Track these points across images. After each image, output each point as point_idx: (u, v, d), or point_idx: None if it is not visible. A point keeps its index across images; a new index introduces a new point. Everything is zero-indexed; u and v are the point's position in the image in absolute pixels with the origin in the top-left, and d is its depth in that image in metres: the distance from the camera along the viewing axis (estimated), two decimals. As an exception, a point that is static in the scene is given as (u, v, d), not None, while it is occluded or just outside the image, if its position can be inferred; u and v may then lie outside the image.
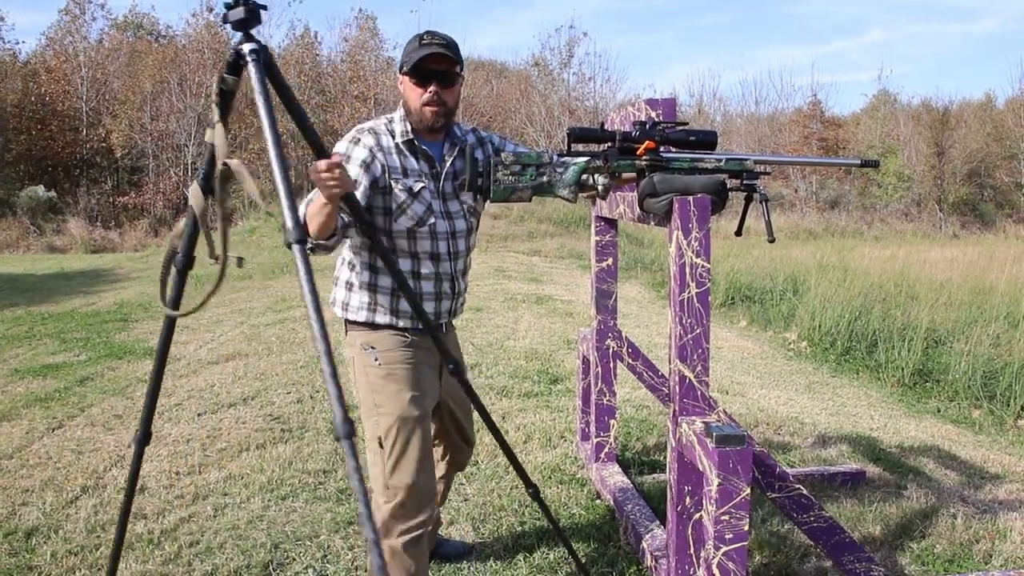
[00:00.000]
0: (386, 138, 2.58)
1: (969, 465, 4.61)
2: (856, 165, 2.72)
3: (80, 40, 30.15)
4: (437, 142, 2.64)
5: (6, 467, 4.33)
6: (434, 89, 2.51)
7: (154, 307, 10.01)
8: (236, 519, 3.59)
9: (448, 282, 2.66)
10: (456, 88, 2.57)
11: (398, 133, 2.59)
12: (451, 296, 2.69)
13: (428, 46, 2.49)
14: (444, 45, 2.50)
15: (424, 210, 2.57)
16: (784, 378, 6.88)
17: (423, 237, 2.59)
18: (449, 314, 2.72)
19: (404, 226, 2.57)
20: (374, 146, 2.55)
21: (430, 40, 2.50)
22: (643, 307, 10.02)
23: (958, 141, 33.62)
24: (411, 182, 2.56)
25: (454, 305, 2.72)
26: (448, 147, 2.64)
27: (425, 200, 2.58)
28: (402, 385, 2.58)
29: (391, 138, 2.59)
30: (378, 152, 2.55)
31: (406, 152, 2.59)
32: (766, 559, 3.24)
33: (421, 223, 2.57)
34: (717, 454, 2.17)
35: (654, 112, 2.79)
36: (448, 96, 2.55)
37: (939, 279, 10.58)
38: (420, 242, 2.60)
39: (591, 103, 29.87)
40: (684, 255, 2.36)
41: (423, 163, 2.60)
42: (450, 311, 2.72)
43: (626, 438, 4.51)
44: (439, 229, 2.60)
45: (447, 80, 2.53)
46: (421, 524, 2.54)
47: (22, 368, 6.77)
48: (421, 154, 2.59)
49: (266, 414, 5.01)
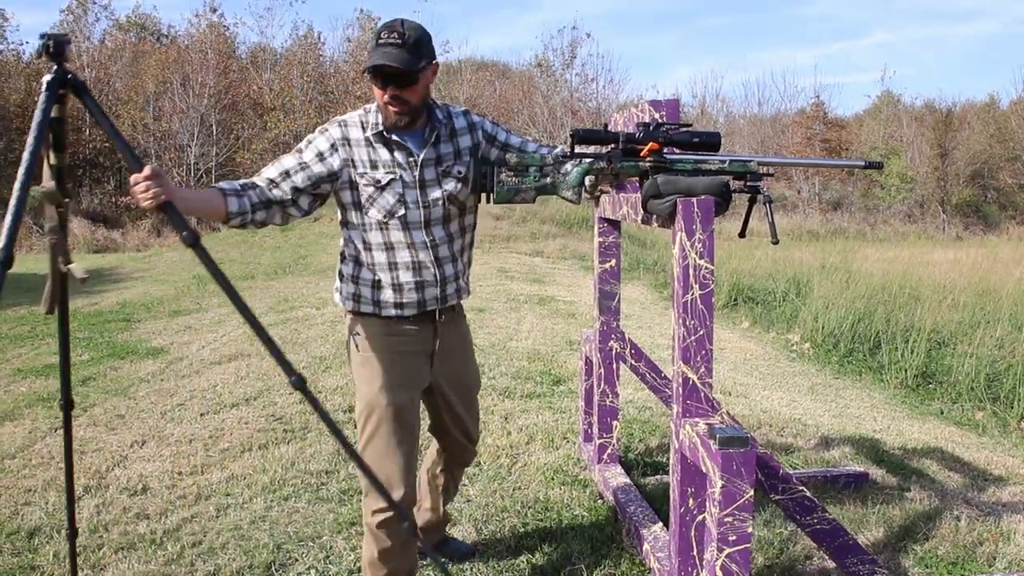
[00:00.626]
0: (356, 130, 2.56)
1: (973, 467, 4.60)
2: (860, 167, 2.72)
3: (83, 40, 30.18)
4: (416, 130, 2.58)
5: (9, 467, 4.33)
6: (392, 92, 2.44)
7: (156, 307, 10.02)
8: (239, 519, 3.59)
9: (429, 270, 2.63)
10: (419, 85, 2.47)
11: (370, 125, 2.55)
12: (435, 283, 2.65)
13: (382, 47, 2.40)
14: (399, 43, 2.39)
15: (394, 202, 2.55)
16: (787, 380, 6.88)
17: (395, 228, 2.58)
18: (438, 301, 2.68)
19: (374, 219, 2.57)
20: (339, 139, 2.54)
21: (386, 39, 2.40)
22: (645, 308, 10.02)
23: (961, 143, 33.57)
24: (380, 174, 2.54)
25: (442, 292, 2.68)
26: (428, 131, 2.58)
27: (396, 191, 2.54)
28: (375, 372, 2.63)
29: (362, 131, 2.56)
30: (342, 146, 2.54)
31: (378, 144, 2.55)
32: (769, 561, 3.23)
33: (391, 215, 2.56)
34: (720, 456, 2.17)
35: (658, 113, 2.79)
36: (410, 95, 2.46)
37: (942, 281, 10.56)
38: (392, 232, 2.58)
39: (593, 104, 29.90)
40: (688, 256, 2.36)
41: (398, 153, 2.55)
42: (438, 298, 2.68)
43: (629, 439, 4.51)
44: (411, 219, 2.57)
45: (406, 80, 2.43)
46: (390, 508, 2.56)
47: (25, 368, 6.78)
48: (395, 144, 2.55)
49: (268, 414, 5.02)
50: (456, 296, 2.76)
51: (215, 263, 2.07)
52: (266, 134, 26.84)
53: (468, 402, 2.91)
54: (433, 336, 2.72)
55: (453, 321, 2.80)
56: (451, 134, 2.64)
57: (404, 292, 2.63)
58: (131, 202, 25.86)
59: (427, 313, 2.69)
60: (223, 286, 2.07)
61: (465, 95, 28.89)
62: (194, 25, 31.00)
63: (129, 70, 29.66)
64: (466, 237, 2.77)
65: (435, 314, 2.71)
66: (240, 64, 30.26)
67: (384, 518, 2.62)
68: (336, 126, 2.57)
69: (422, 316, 2.68)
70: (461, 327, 2.87)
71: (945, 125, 34.10)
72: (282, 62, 30.14)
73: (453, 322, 2.80)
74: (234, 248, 15.62)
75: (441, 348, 2.75)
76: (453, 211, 2.65)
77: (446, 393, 2.83)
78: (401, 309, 2.64)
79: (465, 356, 2.90)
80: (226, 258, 14.54)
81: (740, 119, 36.72)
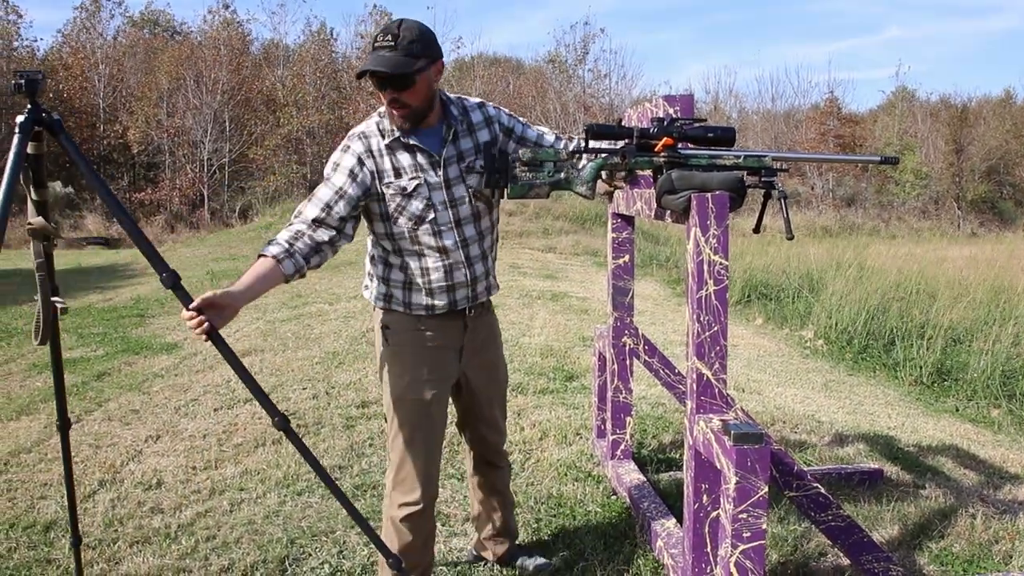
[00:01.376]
0: (376, 140, 2.52)
1: (988, 465, 4.57)
2: (876, 162, 2.70)
3: (96, 37, 30.31)
4: (432, 128, 2.54)
5: (24, 461, 4.36)
6: (390, 95, 2.40)
7: (170, 303, 10.05)
8: (252, 514, 3.60)
9: (460, 271, 2.63)
10: (419, 86, 2.40)
11: (387, 132, 2.51)
12: (467, 283, 2.66)
13: (376, 51, 2.37)
14: (392, 46, 2.34)
15: (423, 207, 2.52)
16: (800, 376, 6.85)
17: (425, 233, 2.56)
18: (468, 300, 2.69)
19: (404, 227, 2.54)
20: (363, 152, 2.50)
21: (380, 42, 2.36)
22: (658, 304, 10.00)
23: (977, 138, 33.35)
24: (404, 181, 2.51)
25: (472, 292, 2.69)
26: (446, 129, 2.54)
27: (423, 195, 2.52)
28: (404, 367, 2.64)
29: (381, 138, 2.51)
30: (367, 158, 2.50)
31: (398, 150, 2.51)
32: (783, 558, 3.22)
33: (420, 220, 2.53)
34: (735, 452, 2.16)
35: (672, 109, 2.78)
36: (410, 97, 2.41)
37: (957, 277, 10.49)
38: (423, 238, 2.56)
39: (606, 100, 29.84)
40: (702, 252, 2.35)
41: (420, 156, 2.51)
42: (469, 297, 2.69)
43: (642, 435, 4.50)
44: (441, 221, 2.55)
45: (402, 83, 2.37)
46: (416, 502, 2.64)
47: (40, 363, 6.81)
48: (415, 148, 2.51)
49: (282, 410, 5.01)
50: (486, 293, 2.77)
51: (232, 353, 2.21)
52: (279, 130, 26.93)
53: (493, 397, 2.90)
54: (463, 331, 2.73)
55: (482, 316, 2.80)
56: (469, 129, 2.60)
57: (436, 295, 2.63)
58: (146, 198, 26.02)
59: (458, 310, 2.70)
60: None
61: (478, 91, 28.86)
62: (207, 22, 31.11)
63: (143, 66, 29.78)
64: (493, 233, 2.76)
65: (465, 310, 2.71)
66: (253, 60, 30.35)
67: (410, 512, 2.64)
68: (357, 140, 2.52)
69: (452, 313, 2.69)
70: (490, 321, 2.87)
71: (960, 120, 33.87)
72: (295, 58, 30.20)
73: (482, 317, 2.80)
74: (247, 244, 15.67)
75: (470, 343, 2.75)
76: (481, 208, 2.64)
77: (473, 388, 2.82)
78: (432, 309, 2.65)
79: (494, 351, 2.90)
80: (238, 254, 14.60)
81: (753, 115, 36.56)
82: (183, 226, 25.20)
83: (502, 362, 2.97)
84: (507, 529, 3.11)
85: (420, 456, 2.65)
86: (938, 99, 36.75)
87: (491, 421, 2.91)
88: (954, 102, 35.97)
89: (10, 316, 9.44)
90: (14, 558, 3.26)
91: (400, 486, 2.67)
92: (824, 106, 34.39)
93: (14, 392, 5.90)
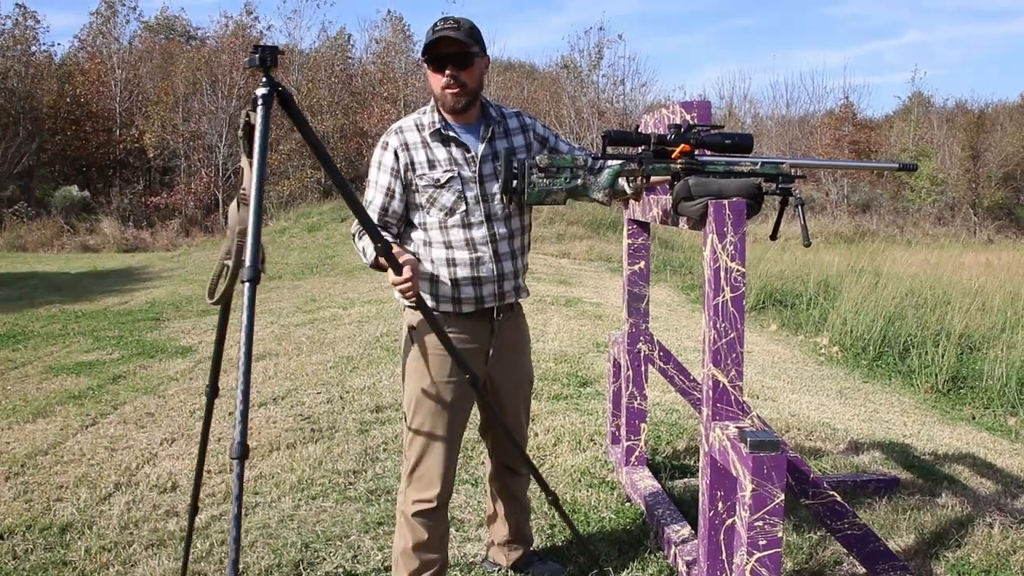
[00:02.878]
0: (412, 134, 2.65)
1: (1005, 474, 4.54)
2: (894, 168, 2.69)
3: (112, 42, 30.51)
4: (472, 125, 2.68)
5: (41, 463, 4.38)
6: (450, 72, 2.55)
7: (185, 307, 10.11)
8: (267, 518, 3.61)
9: (488, 265, 2.67)
10: (475, 69, 2.58)
11: (427, 125, 2.65)
12: (493, 279, 2.69)
13: (439, 31, 2.53)
14: (456, 28, 2.52)
15: (454, 199, 2.63)
16: (815, 383, 6.82)
17: (455, 225, 2.64)
18: (495, 298, 2.72)
19: (435, 217, 2.65)
20: (399, 147, 2.64)
21: (443, 25, 2.54)
22: (673, 310, 9.98)
23: (993, 144, 33.16)
24: (438, 173, 2.62)
25: (499, 289, 2.71)
26: (484, 128, 2.67)
27: (455, 188, 2.62)
28: (426, 366, 2.68)
29: (418, 132, 2.65)
30: (403, 152, 2.63)
31: (435, 143, 2.63)
32: (798, 566, 3.20)
33: (451, 212, 2.63)
34: (751, 460, 2.16)
35: (689, 115, 2.78)
36: (467, 77, 2.57)
37: (973, 284, 10.43)
38: (452, 230, 2.65)
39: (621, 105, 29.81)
40: (719, 259, 2.34)
41: (456, 150, 2.64)
42: (495, 294, 2.71)
43: (656, 442, 4.49)
44: (472, 215, 2.65)
45: (462, 62, 2.55)
46: (430, 500, 2.67)
47: (56, 365, 6.86)
48: (453, 141, 2.63)
49: (296, 414, 5.04)
50: (515, 295, 2.79)
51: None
52: (293, 135, 27.00)
53: (517, 402, 2.91)
54: (489, 334, 2.75)
55: (511, 320, 2.82)
56: (505, 132, 2.73)
57: (462, 288, 2.67)
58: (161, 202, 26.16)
59: (485, 311, 2.72)
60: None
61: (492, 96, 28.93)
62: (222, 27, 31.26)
63: (159, 71, 29.96)
64: (525, 237, 2.81)
65: (493, 311, 2.73)
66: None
67: (424, 508, 2.67)
68: (394, 135, 2.66)
69: (480, 313, 2.71)
70: (520, 326, 2.89)
71: (977, 126, 33.69)
72: (310, 63, 30.33)
73: (511, 321, 2.82)
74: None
75: (497, 346, 2.77)
76: (512, 207, 2.71)
77: (499, 392, 2.83)
78: (459, 305, 2.68)
79: (521, 356, 2.91)
80: (254, 258, 14.61)
81: (768, 120, 36.47)
82: (198, 230, 25.32)
83: (529, 367, 2.98)
84: (522, 536, 3.11)
85: (438, 455, 2.68)
86: (954, 104, 36.64)
87: (515, 426, 2.91)
88: (971, 107, 35.83)
89: (27, 319, 9.51)
90: (31, 559, 3.28)
91: (416, 483, 2.69)
92: (839, 112, 34.26)
93: (31, 394, 5.94)
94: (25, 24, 28.89)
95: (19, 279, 14.07)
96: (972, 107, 35.95)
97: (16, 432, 4.98)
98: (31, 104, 27.61)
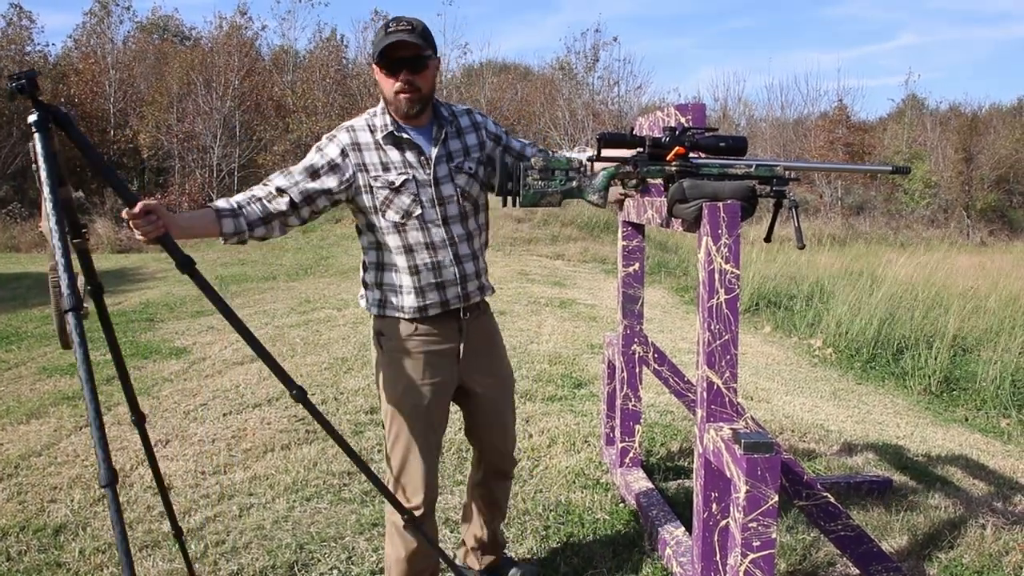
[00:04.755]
0: (364, 134, 2.59)
1: (998, 475, 4.56)
2: (887, 171, 2.69)
3: (107, 42, 30.44)
4: (424, 128, 2.62)
5: (35, 464, 4.38)
6: (405, 76, 2.49)
7: (179, 308, 10.09)
8: (261, 519, 3.61)
9: (449, 268, 2.64)
10: (429, 72, 2.53)
11: (379, 127, 2.58)
12: (456, 282, 2.65)
13: (393, 34, 2.46)
14: (409, 30, 2.46)
15: (410, 202, 2.57)
16: (809, 385, 6.84)
17: (413, 228, 2.59)
18: (460, 299, 2.68)
19: (391, 220, 2.58)
20: (348, 144, 2.57)
21: (395, 27, 2.47)
22: (667, 312, 9.99)
23: (987, 147, 33.23)
24: (392, 176, 2.56)
25: (463, 290, 2.68)
26: (436, 130, 2.62)
27: (411, 191, 2.56)
28: (400, 374, 2.66)
29: (371, 134, 2.59)
30: (352, 151, 2.56)
31: (388, 145, 2.57)
32: (792, 567, 3.21)
33: (407, 215, 2.58)
34: (745, 461, 2.16)
35: (684, 117, 2.79)
36: (421, 81, 2.52)
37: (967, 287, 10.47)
38: (411, 234, 2.59)
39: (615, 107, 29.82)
40: (713, 261, 2.35)
41: (410, 152, 2.58)
42: (460, 296, 2.68)
43: (650, 443, 4.50)
44: (428, 218, 2.59)
45: (416, 65, 2.49)
46: (416, 508, 2.65)
47: (50, 366, 6.85)
48: (406, 144, 2.58)
49: (291, 415, 5.04)
50: (479, 293, 2.76)
51: (211, 286, 2.19)
52: (288, 136, 27.01)
53: (500, 401, 2.87)
54: (458, 334, 2.72)
55: (478, 319, 2.79)
56: (457, 132, 2.68)
57: (426, 292, 2.63)
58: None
59: (451, 312, 2.69)
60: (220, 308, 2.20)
61: (487, 98, 28.90)
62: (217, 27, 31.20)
63: (153, 71, 29.89)
64: (482, 236, 2.78)
65: (459, 312, 2.71)
66: (263, 66, 30.44)
67: (411, 518, 2.63)
68: (345, 132, 2.60)
69: (446, 315, 2.68)
70: (487, 325, 2.85)
71: (970, 129, 33.75)
72: (304, 64, 30.30)
73: (478, 320, 2.78)
74: (255, 249, 15.70)
75: (468, 347, 2.74)
76: (468, 208, 2.67)
77: (480, 393, 2.81)
78: (425, 311, 2.64)
79: (493, 354, 2.86)
80: (248, 259, 14.63)
81: (762, 122, 36.49)
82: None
83: (505, 365, 2.92)
84: (497, 542, 3.11)
85: (419, 462, 2.66)
86: (948, 107, 36.69)
87: (502, 427, 2.90)
88: (964, 110, 35.88)
89: (20, 320, 9.49)
90: (24, 561, 3.27)
91: (400, 492, 2.68)
92: (833, 114, 34.33)
93: (24, 395, 5.93)
94: (20, 24, 28.83)
95: (12, 280, 14.03)
96: (965, 110, 36.03)
97: (10, 433, 4.97)
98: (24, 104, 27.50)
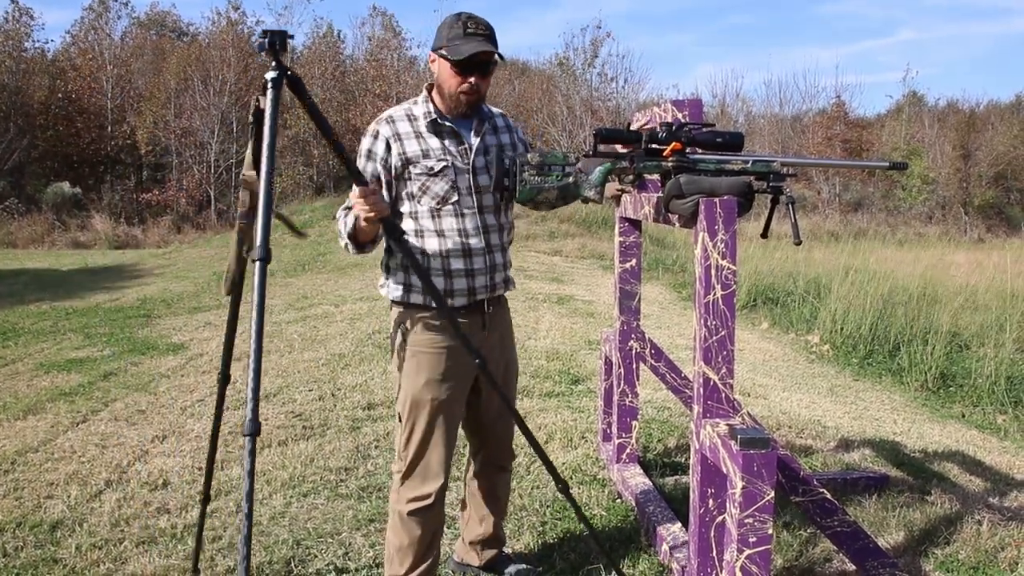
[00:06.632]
0: (404, 124, 2.64)
1: (994, 471, 4.57)
2: (884, 167, 2.70)
3: (104, 38, 30.39)
4: (467, 120, 2.69)
5: (31, 460, 4.37)
6: (475, 79, 2.57)
7: (176, 304, 10.09)
8: (258, 515, 3.60)
9: (480, 256, 2.68)
10: (491, 75, 2.63)
11: (420, 115, 2.65)
12: (485, 271, 2.69)
13: (474, 37, 2.52)
14: (488, 36, 2.53)
15: (447, 188, 2.62)
16: (806, 381, 6.84)
17: (448, 215, 2.64)
18: (487, 289, 2.72)
19: (427, 206, 2.63)
20: (391, 136, 2.62)
21: (475, 29, 2.53)
22: (664, 308, 10.00)
23: (985, 143, 33.25)
24: (432, 162, 2.61)
25: (490, 280, 2.72)
26: (477, 122, 2.68)
27: (448, 178, 2.62)
28: (421, 366, 2.67)
29: (410, 123, 2.64)
30: (395, 142, 2.62)
31: (428, 133, 2.63)
32: (788, 563, 3.22)
33: (443, 201, 2.63)
34: (742, 457, 2.17)
35: (681, 113, 2.79)
36: (484, 85, 2.61)
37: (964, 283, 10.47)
38: (445, 219, 2.64)
39: (613, 103, 29.80)
40: (710, 257, 2.35)
41: (449, 141, 2.64)
42: (487, 286, 2.71)
43: (647, 439, 4.50)
44: (464, 205, 2.65)
45: (486, 70, 2.58)
46: (427, 496, 2.68)
47: (47, 362, 6.84)
48: (447, 132, 2.64)
49: (288, 411, 5.04)
50: (504, 286, 2.80)
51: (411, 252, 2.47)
52: (285, 131, 26.96)
53: (511, 394, 2.92)
54: (482, 328, 2.74)
55: (499, 312, 2.83)
56: (494, 128, 2.75)
57: (454, 279, 2.66)
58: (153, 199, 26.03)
59: (477, 304, 2.72)
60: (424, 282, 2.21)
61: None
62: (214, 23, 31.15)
63: (150, 67, 29.85)
64: (511, 232, 2.83)
65: (484, 304, 2.73)
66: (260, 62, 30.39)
67: (419, 507, 2.67)
68: (385, 124, 2.65)
69: (471, 308, 2.71)
70: (507, 318, 2.90)
71: (968, 126, 33.77)
72: (301, 60, 30.26)
73: (499, 314, 2.83)
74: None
75: (488, 340, 2.76)
76: (500, 201, 2.73)
77: (484, 385, 2.80)
78: (451, 297, 2.66)
79: (508, 347, 2.91)
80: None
81: (760, 119, 36.47)
82: (189, 227, 25.26)
83: (516, 359, 2.98)
84: (496, 537, 3.09)
85: (436, 452, 2.69)
86: (946, 104, 36.72)
87: (507, 419, 2.90)
88: (962, 107, 35.91)
89: (17, 316, 9.48)
90: (21, 557, 3.27)
91: (411, 480, 2.69)
92: (831, 110, 34.31)
93: (21, 391, 5.92)
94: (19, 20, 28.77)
95: (9, 276, 14.02)
96: (963, 107, 36.09)
97: (6, 429, 4.96)
98: (22, 100, 27.50)
